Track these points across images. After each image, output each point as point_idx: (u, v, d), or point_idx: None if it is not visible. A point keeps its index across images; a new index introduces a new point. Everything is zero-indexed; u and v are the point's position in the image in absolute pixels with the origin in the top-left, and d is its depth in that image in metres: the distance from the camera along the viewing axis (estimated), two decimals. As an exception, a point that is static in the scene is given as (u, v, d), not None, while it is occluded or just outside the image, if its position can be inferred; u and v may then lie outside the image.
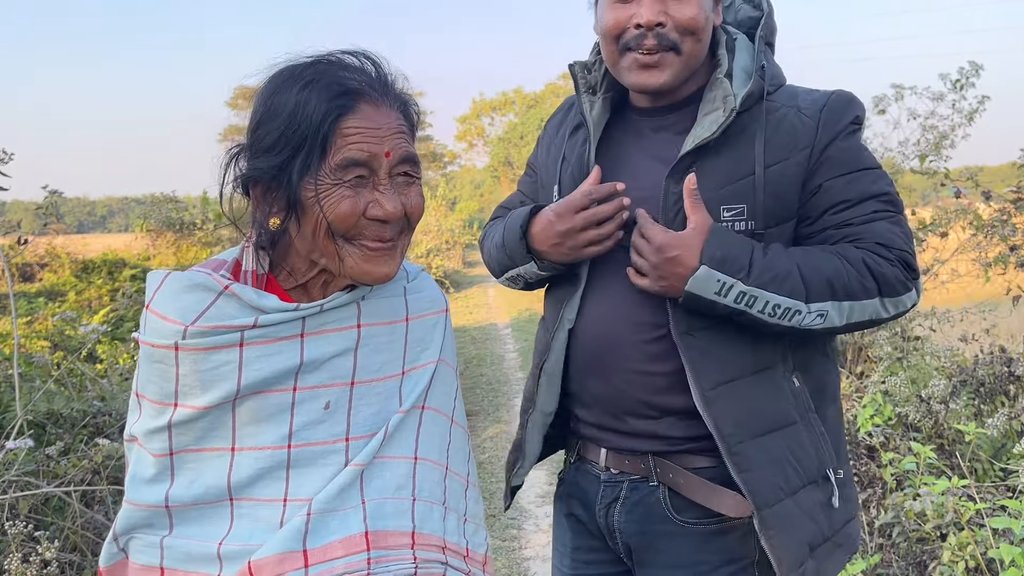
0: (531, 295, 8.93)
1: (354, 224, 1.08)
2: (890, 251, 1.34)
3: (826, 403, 1.44)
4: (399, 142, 1.09)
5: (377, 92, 1.10)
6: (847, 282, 1.31)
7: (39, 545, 2.55)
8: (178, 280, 1.11)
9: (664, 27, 1.36)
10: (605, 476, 1.49)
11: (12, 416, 3.58)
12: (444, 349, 1.27)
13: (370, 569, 1.08)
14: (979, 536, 2.56)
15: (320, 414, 1.12)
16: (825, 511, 1.38)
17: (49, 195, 4.78)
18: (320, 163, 1.06)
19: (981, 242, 4.95)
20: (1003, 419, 3.30)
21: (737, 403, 1.34)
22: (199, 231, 10.15)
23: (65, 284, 12.89)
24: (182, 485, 1.11)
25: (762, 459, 1.33)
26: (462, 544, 1.22)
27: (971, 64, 4.98)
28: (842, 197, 1.36)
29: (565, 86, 46.93)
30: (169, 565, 1.10)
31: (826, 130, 1.37)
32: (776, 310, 1.29)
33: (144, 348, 1.11)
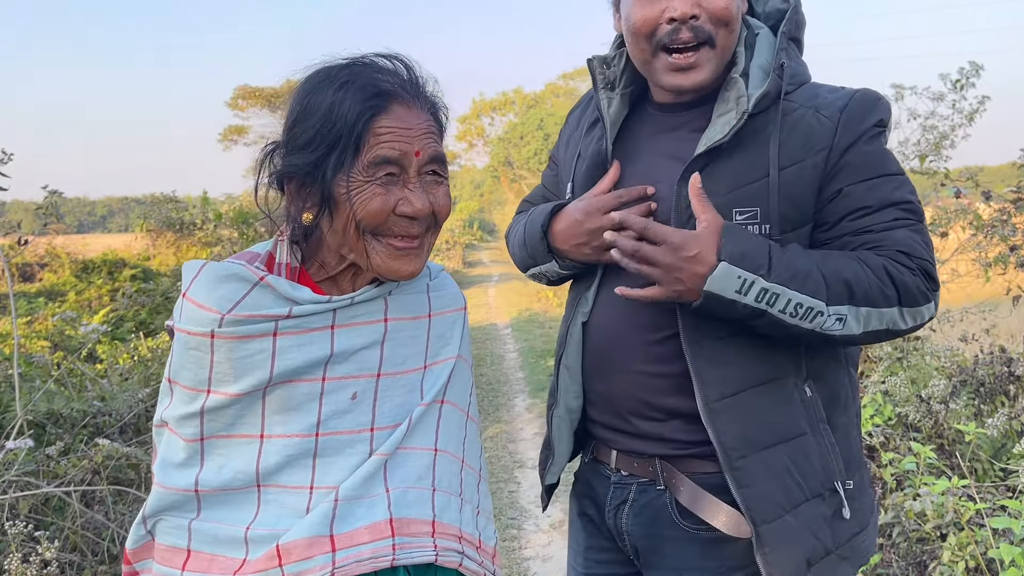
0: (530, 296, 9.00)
1: (384, 220, 1.12)
2: (911, 259, 1.29)
3: (838, 412, 1.39)
4: (428, 142, 1.14)
5: (409, 94, 1.14)
6: (867, 288, 1.26)
7: (39, 545, 2.55)
8: (215, 270, 1.14)
9: (698, 19, 1.31)
10: (615, 477, 1.48)
11: (12, 416, 3.58)
12: (462, 346, 1.32)
13: (395, 555, 1.12)
14: (979, 536, 2.56)
15: (347, 404, 1.16)
16: (831, 524, 1.34)
17: (49, 195, 4.78)
18: (353, 161, 1.10)
19: (981, 242, 4.95)
20: (1003, 419, 3.30)
21: (742, 415, 1.31)
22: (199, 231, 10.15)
23: (65, 284, 12.88)
24: (211, 470, 1.13)
25: (763, 474, 1.31)
26: (475, 535, 1.26)
27: (971, 64, 4.98)
28: (862, 203, 1.30)
29: (565, 86, 46.89)
30: (196, 547, 1.12)
31: (846, 133, 1.31)
32: (798, 309, 1.24)
33: (179, 335, 1.14)
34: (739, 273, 1.23)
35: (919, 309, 1.30)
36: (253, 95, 31.05)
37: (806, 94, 1.35)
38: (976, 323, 5.08)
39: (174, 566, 1.13)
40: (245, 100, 31.29)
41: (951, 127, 5.17)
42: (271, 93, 30.93)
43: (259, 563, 1.09)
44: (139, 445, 3.78)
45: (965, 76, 5.00)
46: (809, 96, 1.35)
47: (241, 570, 1.09)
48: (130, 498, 3.27)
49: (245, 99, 31.26)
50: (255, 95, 31.02)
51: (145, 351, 6.47)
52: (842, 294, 1.25)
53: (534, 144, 39.82)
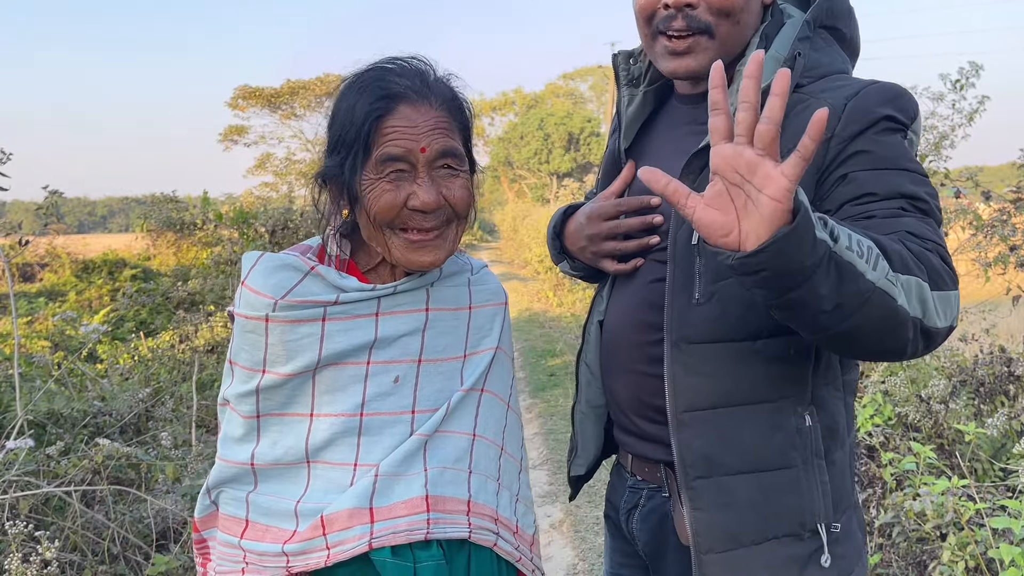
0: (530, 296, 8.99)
1: (397, 215, 1.18)
2: (923, 242, 1.10)
3: (836, 447, 1.28)
4: (436, 137, 1.18)
5: (417, 94, 1.19)
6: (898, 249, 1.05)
7: (39, 545, 2.55)
8: (270, 260, 1.25)
9: (694, 8, 1.25)
10: (631, 482, 1.46)
11: (12, 416, 3.58)
12: (502, 339, 1.37)
13: (429, 529, 1.19)
14: (979, 536, 2.57)
15: (390, 387, 1.23)
16: (803, 569, 1.23)
17: (49, 195, 4.78)
18: (364, 161, 1.18)
19: (981, 242, 4.95)
20: (1003, 419, 3.30)
21: (711, 433, 1.23)
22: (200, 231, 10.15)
23: (65, 284, 12.89)
24: (266, 445, 1.23)
25: (720, 501, 1.22)
26: (512, 520, 1.32)
27: (971, 64, 4.99)
28: (867, 189, 1.16)
29: (565, 86, 46.87)
30: (253, 518, 1.23)
31: (851, 121, 1.18)
32: (861, 246, 0.99)
33: (238, 320, 1.24)
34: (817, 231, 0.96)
35: (948, 297, 1.08)
36: (253, 95, 31.05)
37: (822, 85, 1.24)
38: (976, 323, 5.09)
39: (233, 534, 1.23)
40: (245, 100, 31.29)
41: (951, 127, 5.17)
42: (271, 93, 30.95)
43: (305, 532, 1.18)
44: (139, 445, 3.79)
45: (965, 76, 5.01)
46: (824, 87, 1.24)
47: (291, 540, 1.18)
48: (130, 498, 3.28)
49: (245, 99, 31.26)
50: (255, 95, 31.02)
51: (145, 351, 6.48)
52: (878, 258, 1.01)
53: (534, 144, 39.80)
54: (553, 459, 5.13)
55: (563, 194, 23.68)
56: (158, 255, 13.22)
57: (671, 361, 1.26)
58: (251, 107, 31.82)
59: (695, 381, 1.24)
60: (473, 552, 1.26)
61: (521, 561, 1.32)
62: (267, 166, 32.90)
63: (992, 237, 4.82)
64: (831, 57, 1.29)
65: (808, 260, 0.93)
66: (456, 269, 1.36)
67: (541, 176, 40.06)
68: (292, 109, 32.24)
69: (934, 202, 1.17)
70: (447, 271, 1.33)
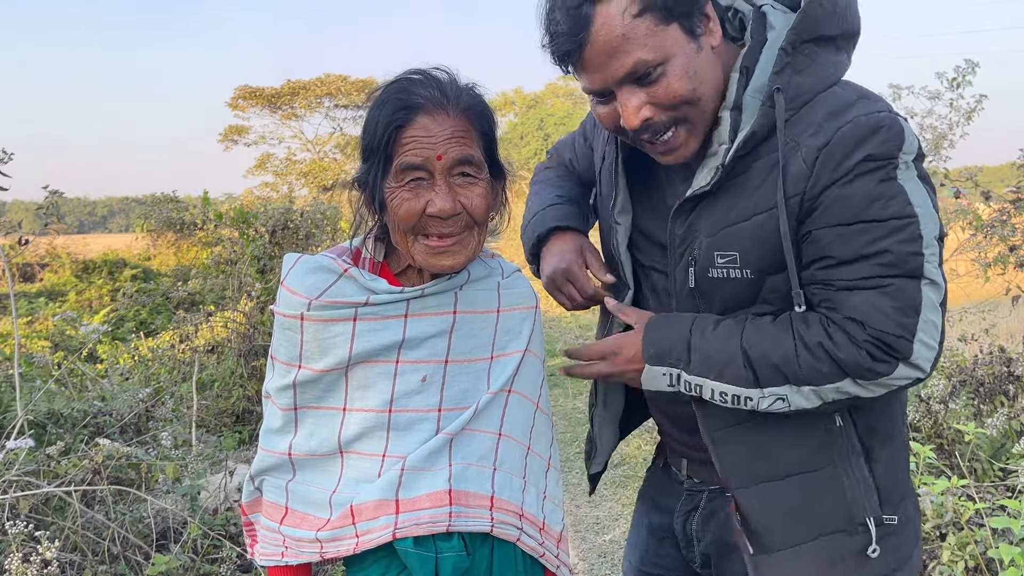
0: (531, 295, 8.63)
1: (418, 221, 1.23)
2: (863, 329, 1.15)
3: (878, 443, 1.29)
4: (452, 146, 1.22)
5: (434, 104, 1.23)
6: (797, 369, 1.18)
7: (39, 545, 2.55)
8: (307, 262, 1.32)
9: (652, 118, 1.20)
10: (688, 484, 1.48)
11: (13, 416, 3.59)
12: (532, 341, 1.40)
13: (451, 521, 1.24)
14: (979, 536, 2.57)
15: (418, 385, 1.29)
16: (853, 561, 1.27)
17: (49, 195, 4.78)
18: (386, 170, 1.23)
19: (980, 242, 4.95)
20: (1002, 419, 3.30)
21: (745, 446, 1.29)
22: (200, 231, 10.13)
23: (66, 284, 12.89)
24: (303, 436, 1.31)
25: (763, 507, 1.29)
26: (539, 517, 1.36)
27: (967, 62, 4.97)
28: (828, 252, 1.16)
29: (565, 86, 46.84)
30: (292, 506, 1.32)
31: (822, 173, 1.14)
32: (724, 397, 1.24)
33: (277, 317, 1.32)
34: (663, 370, 1.28)
35: (879, 381, 1.17)
36: (253, 95, 31.02)
37: (802, 122, 1.18)
38: (975, 323, 5.09)
39: (274, 519, 1.33)
40: (245, 100, 31.27)
41: (949, 126, 5.16)
42: (271, 93, 30.93)
43: (337, 521, 1.26)
44: (139, 445, 3.79)
45: (961, 74, 4.99)
46: (802, 126, 1.18)
47: (324, 527, 1.27)
48: (130, 498, 3.28)
49: (245, 99, 31.24)
50: (255, 95, 31.00)
51: (145, 351, 6.48)
52: (775, 377, 1.20)
53: (534, 144, 39.79)
54: (553, 459, 5.12)
55: (563, 194, 23.64)
56: (158, 255, 13.22)
57: None
58: (251, 107, 31.82)
59: None
60: (496, 546, 1.31)
61: (545, 556, 1.36)
62: (267, 166, 32.88)
63: (992, 237, 4.82)
64: (816, 74, 1.20)
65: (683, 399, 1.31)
66: (486, 273, 1.39)
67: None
68: (292, 109, 32.23)
69: (906, 249, 1.13)
70: (476, 275, 1.37)
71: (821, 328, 1.18)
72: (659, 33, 1.15)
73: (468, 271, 1.35)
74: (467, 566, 1.27)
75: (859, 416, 1.27)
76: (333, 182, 31.98)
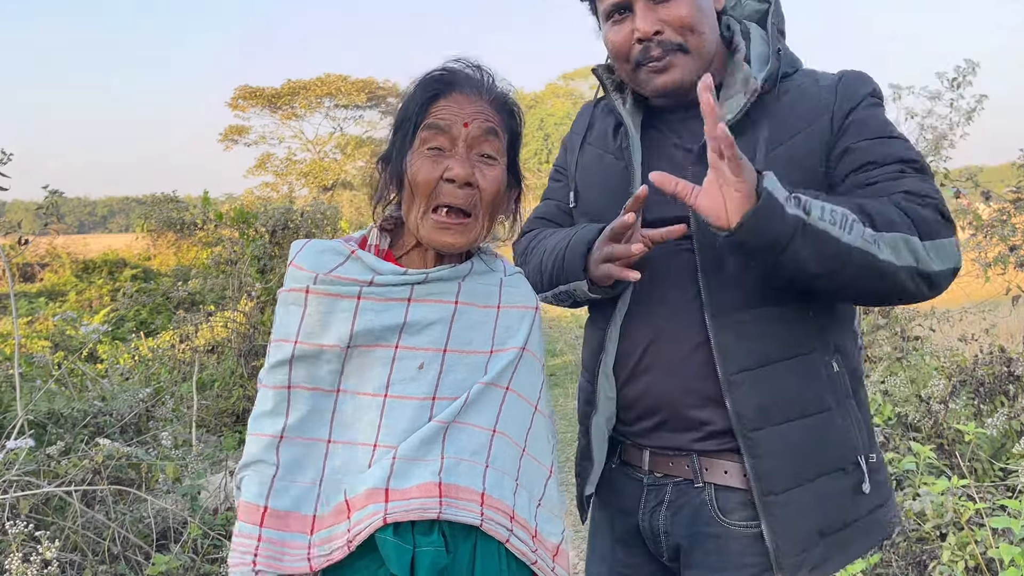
0: (531, 295, 8.59)
1: (435, 187, 1.26)
2: (920, 198, 1.29)
3: (859, 386, 1.44)
4: (480, 120, 1.27)
5: (471, 86, 1.29)
6: (884, 212, 1.25)
7: (40, 545, 2.56)
8: (316, 244, 1.34)
9: (663, 33, 1.38)
10: (649, 480, 1.48)
11: (13, 416, 3.59)
12: (530, 341, 1.39)
13: (441, 509, 1.23)
14: (979, 536, 2.57)
15: (414, 372, 1.28)
16: (851, 497, 1.38)
17: (49, 195, 4.78)
18: (414, 137, 1.28)
19: (981, 242, 4.95)
20: (1003, 419, 3.30)
21: (762, 389, 1.34)
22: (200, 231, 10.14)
23: (66, 284, 12.90)
24: (294, 418, 1.28)
25: (777, 448, 1.34)
26: (531, 523, 1.32)
27: (967, 62, 4.97)
28: (868, 158, 1.34)
29: (565, 86, 46.87)
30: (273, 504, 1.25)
31: (845, 98, 1.38)
32: (835, 215, 1.19)
33: (282, 296, 1.32)
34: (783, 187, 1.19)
35: (942, 244, 1.27)
36: (254, 95, 31.06)
37: (803, 73, 1.45)
38: (976, 323, 5.09)
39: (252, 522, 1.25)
40: (245, 100, 31.30)
41: (949, 126, 5.16)
42: (271, 93, 30.96)
43: (329, 518, 1.24)
44: (140, 445, 3.79)
45: (961, 74, 4.99)
46: (807, 74, 1.45)
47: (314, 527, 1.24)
48: (130, 498, 3.28)
49: (245, 99, 31.26)
50: (256, 95, 31.03)
51: (145, 351, 6.48)
52: (863, 219, 1.23)
53: (534, 144, 39.82)
54: (553, 459, 5.12)
55: (563, 194, 23.66)
56: (158, 255, 13.23)
57: (716, 329, 1.35)
58: (251, 107, 31.83)
59: (743, 344, 1.35)
60: (480, 544, 1.26)
61: (538, 564, 1.30)
62: (267, 166, 32.89)
63: (992, 237, 4.82)
64: (794, 54, 1.48)
65: (781, 232, 1.18)
66: (489, 269, 1.40)
67: (541, 176, 40.06)
68: (293, 109, 32.25)
69: (924, 161, 1.37)
70: (479, 269, 1.37)
71: (888, 199, 1.29)
72: None
73: (472, 263, 1.36)
74: (445, 563, 1.22)
75: (846, 361, 1.40)
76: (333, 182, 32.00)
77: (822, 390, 1.37)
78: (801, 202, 1.19)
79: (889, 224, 1.23)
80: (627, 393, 1.48)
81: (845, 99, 1.38)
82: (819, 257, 1.20)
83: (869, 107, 1.39)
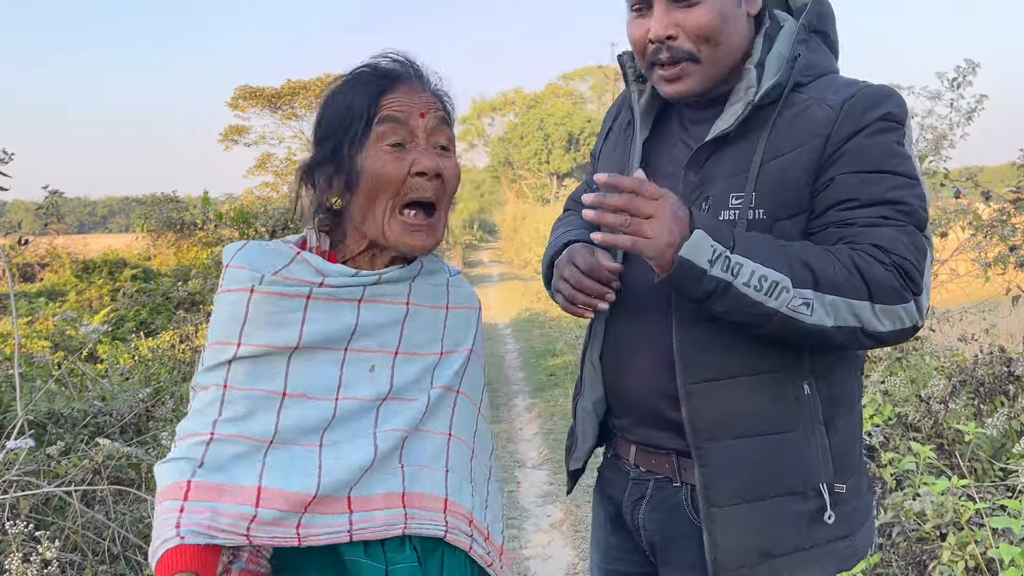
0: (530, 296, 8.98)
1: (403, 184, 1.22)
2: (887, 255, 1.23)
3: (840, 414, 1.37)
4: (434, 110, 1.25)
5: (416, 78, 1.27)
6: (832, 274, 1.21)
7: (39, 545, 2.55)
8: (257, 244, 1.28)
9: (676, 39, 1.33)
10: (634, 473, 1.50)
11: (13, 416, 3.58)
12: (476, 343, 1.39)
13: (406, 524, 1.19)
14: (979, 536, 2.57)
15: (366, 375, 1.24)
16: (807, 523, 1.33)
17: (49, 195, 4.79)
18: (366, 132, 1.21)
19: (981, 242, 4.95)
20: (1003, 419, 3.30)
21: (719, 402, 1.32)
22: (200, 231, 10.15)
23: (66, 284, 12.88)
24: (228, 416, 1.17)
25: (727, 461, 1.32)
26: (484, 525, 1.32)
27: (967, 62, 4.97)
28: (850, 195, 1.27)
29: (565, 86, 46.84)
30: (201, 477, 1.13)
31: (847, 121, 1.28)
32: (762, 282, 1.19)
33: (220, 298, 1.24)
34: (711, 243, 1.19)
35: (894, 308, 1.23)
36: (254, 95, 31.02)
37: (820, 86, 1.34)
38: (975, 323, 5.09)
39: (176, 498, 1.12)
40: (246, 100, 31.27)
41: (949, 126, 5.16)
42: (272, 93, 30.93)
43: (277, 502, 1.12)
44: (140, 445, 3.79)
45: (962, 74, 4.99)
46: (822, 88, 1.33)
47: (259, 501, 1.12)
48: (130, 498, 3.28)
49: (246, 99, 31.23)
50: (256, 95, 31.00)
51: (146, 351, 6.48)
52: (806, 278, 1.21)
53: (534, 144, 39.77)
54: (553, 459, 5.13)
55: (563, 194, 23.66)
56: (158, 255, 13.21)
57: (680, 338, 1.34)
58: (251, 107, 31.80)
59: (704, 356, 1.33)
60: (446, 555, 1.26)
61: (492, 567, 1.31)
62: (267, 166, 32.85)
63: (992, 237, 4.82)
64: (824, 58, 1.39)
65: (698, 292, 1.21)
66: (437, 268, 1.39)
67: (541, 176, 40.05)
68: (293, 109, 32.20)
69: (918, 204, 1.27)
70: (428, 268, 1.36)
71: (849, 250, 1.24)
72: None
73: (422, 262, 1.34)
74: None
75: (823, 386, 1.35)
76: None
77: (785, 411, 1.32)
78: (730, 264, 1.19)
79: (833, 287, 1.21)
80: (612, 386, 1.50)
81: (848, 122, 1.28)
82: (738, 314, 1.24)
83: (875, 133, 1.28)
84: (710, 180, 1.34)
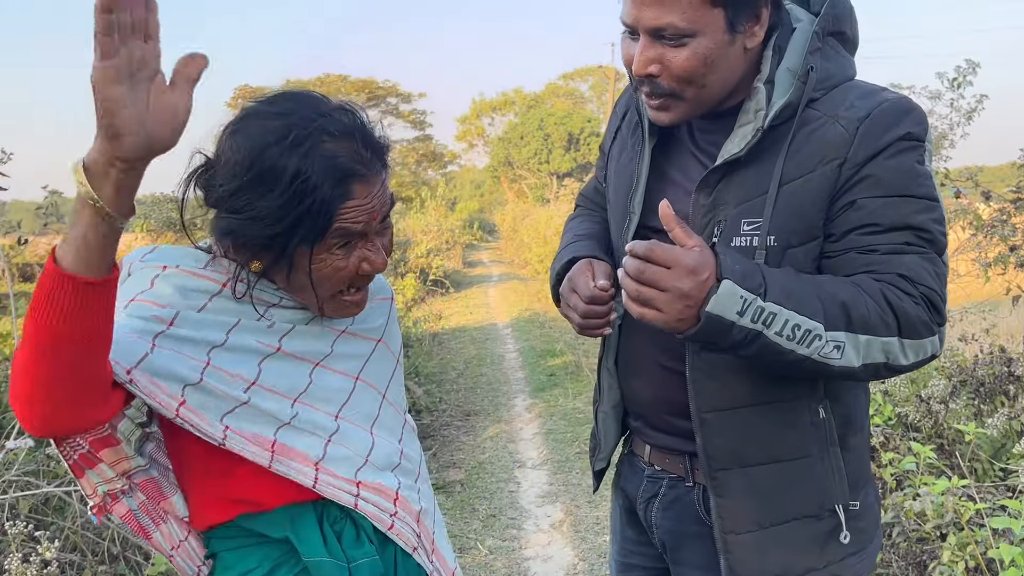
0: (530, 296, 8.96)
1: (348, 280, 1.21)
2: (915, 286, 1.19)
3: (852, 433, 1.37)
4: (383, 201, 1.19)
5: (367, 167, 1.16)
6: (865, 313, 1.16)
7: (39, 545, 2.55)
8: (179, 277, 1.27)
9: (657, 77, 1.25)
10: (648, 471, 1.51)
11: (12, 416, 3.58)
12: (386, 333, 1.42)
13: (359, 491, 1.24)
14: (979, 536, 2.56)
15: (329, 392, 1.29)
16: (821, 544, 1.34)
17: (49, 195, 4.78)
18: (320, 238, 1.14)
19: (981, 242, 4.95)
20: (1003, 419, 3.30)
21: (733, 431, 1.31)
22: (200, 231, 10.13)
23: (65, 284, 12.85)
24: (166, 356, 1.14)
25: (743, 489, 1.32)
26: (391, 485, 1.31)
27: (968, 62, 4.97)
28: (872, 219, 1.21)
29: (565, 86, 46.82)
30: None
31: (864, 144, 1.21)
32: (796, 331, 1.14)
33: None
34: (741, 293, 1.12)
35: (921, 343, 1.22)
36: (254, 95, 31.05)
37: (833, 101, 1.25)
38: (976, 323, 5.09)
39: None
40: (245, 100, 31.28)
41: (949, 126, 5.17)
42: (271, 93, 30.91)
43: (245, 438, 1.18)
44: (139, 445, 3.78)
45: (962, 74, 5.00)
46: (835, 104, 1.25)
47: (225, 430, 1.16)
48: (130, 498, 3.27)
49: (245, 99, 31.22)
50: (255, 95, 31.02)
51: (145, 351, 6.45)
52: (839, 319, 1.15)
53: (534, 144, 39.76)
54: (553, 459, 5.13)
55: (563, 194, 23.65)
56: (158, 255, 13.18)
57: (692, 365, 1.32)
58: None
59: (716, 384, 1.31)
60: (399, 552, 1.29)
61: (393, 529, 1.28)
62: (267, 166, 32.79)
63: (992, 237, 4.82)
64: (840, 65, 1.31)
65: (722, 344, 1.16)
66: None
67: (541, 176, 40.03)
68: (292, 109, 32.18)
69: (939, 228, 1.24)
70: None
71: (877, 284, 1.19)
72: (702, 9, 1.19)
73: None
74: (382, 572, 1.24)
75: (837, 407, 1.34)
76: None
77: (801, 437, 1.31)
78: (763, 314, 1.12)
79: (865, 327, 1.17)
80: (626, 389, 1.52)
81: (865, 144, 1.21)
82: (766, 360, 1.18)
83: (895, 155, 1.21)
84: (722, 204, 1.29)
